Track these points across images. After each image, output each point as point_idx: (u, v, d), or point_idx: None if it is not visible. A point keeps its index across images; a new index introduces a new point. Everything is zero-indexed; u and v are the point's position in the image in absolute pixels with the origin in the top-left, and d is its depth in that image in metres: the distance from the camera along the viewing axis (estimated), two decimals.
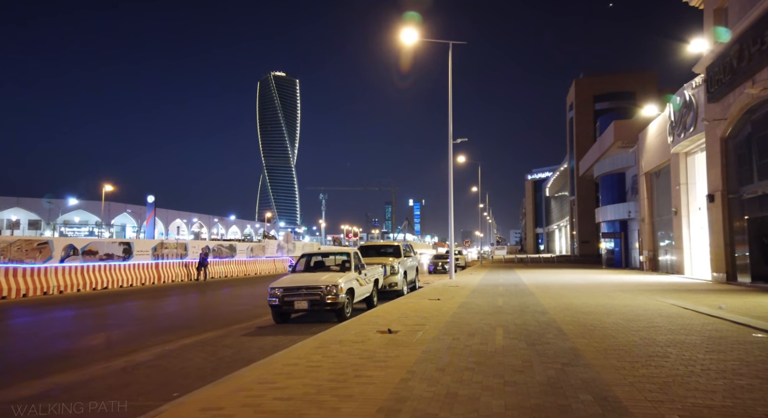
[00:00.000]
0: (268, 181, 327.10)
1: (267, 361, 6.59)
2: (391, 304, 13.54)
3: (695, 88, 23.03)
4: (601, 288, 18.39)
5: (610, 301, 13.64)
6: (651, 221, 32.72)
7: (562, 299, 14.23)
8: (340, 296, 10.99)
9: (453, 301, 14.23)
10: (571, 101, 73.67)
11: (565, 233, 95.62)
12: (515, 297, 15.09)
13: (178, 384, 6.25)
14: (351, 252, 12.93)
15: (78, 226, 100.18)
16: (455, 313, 11.39)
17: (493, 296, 15.70)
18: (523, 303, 13.32)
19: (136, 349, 8.73)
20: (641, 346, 7.15)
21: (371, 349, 7.24)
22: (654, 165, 30.85)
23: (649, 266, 32.30)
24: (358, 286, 12.30)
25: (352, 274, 12.20)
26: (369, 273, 13.63)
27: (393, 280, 16.70)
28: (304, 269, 13.10)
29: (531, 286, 19.86)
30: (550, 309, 11.83)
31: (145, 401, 5.46)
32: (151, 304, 17.37)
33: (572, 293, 16.20)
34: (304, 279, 11.35)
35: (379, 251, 19.07)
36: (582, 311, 11.31)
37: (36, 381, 6.63)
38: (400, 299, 14.86)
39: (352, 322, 10.19)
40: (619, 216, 41.55)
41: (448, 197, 25.86)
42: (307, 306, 10.89)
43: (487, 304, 13.24)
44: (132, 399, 5.61)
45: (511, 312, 11.36)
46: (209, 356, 7.97)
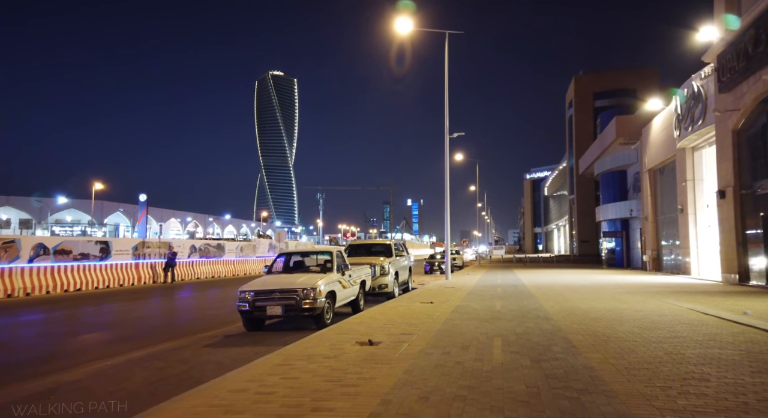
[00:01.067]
0: (266, 181, 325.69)
1: (209, 386, 5.33)
2: (379, 308, 12.31)
3: (704, 79, 21.82)
4: (606, 290, 17.17)
5: (618, 305, 12.41)
6: (655, 220, 31.53)
7: (566, 303, 13.01)
8: (319, 300, 9.74)
9: (447, 304, 13.00)
10: (570, 99, 72.57)
11: (563, 232, 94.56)
12: (515, 300, 13.86)
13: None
14: (333, 251, 11.66)
15: (70, 225, 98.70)
16: (448, 319, 10.16)
17: (491, 298, 14.47)
18: (523, 307, 12.09)
19: (73, 364, 7.47)
20: (669, 364, 5.91)
21: (343, 367, 6.00)
22: (658, 161, 29.66)
23: (652, 266, 31.10)
24: (341, 288, 11.05)
25: (334, 275, 10.94)
26: (354, 274, 12.38)
27: (383, 281, 15.45)
28: (282, 270, 11.85)
29: (531, 287, 18.64)
30: (554, 314, 10.60)
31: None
32: (118, 308, 16.06)
33: (576, 296, 14.98)
34: (279, 281, 10.09)
35: (369, 250, 17.83)
36: (590, 317, 10.08)
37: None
38: (390, 303, 13.62)
39: (331, 330, 8.95)
40: (621, 215, 40.39)
41: (445, 194, 24.64)
42: (281, 312, 9.64)
43: (485, 308, 12.01)
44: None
45: (510, 318, 10.13)
46: (152, 375, 6.71)
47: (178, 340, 9.34)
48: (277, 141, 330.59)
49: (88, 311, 15.25)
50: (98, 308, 15.88)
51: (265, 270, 11.41)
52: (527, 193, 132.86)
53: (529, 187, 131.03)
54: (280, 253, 12.38)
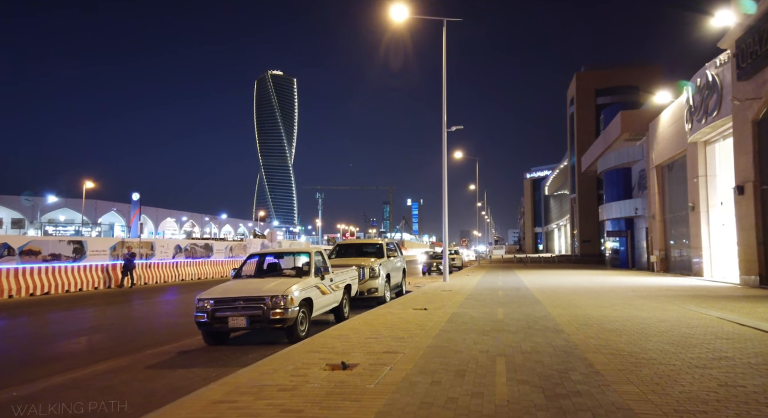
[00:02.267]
0: (266, 181, 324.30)
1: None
2: (365, 316, 10.87)
3: (720, 67, 20.38)
4: (617, 293, 15.73)
5: (636, 312, 10.97)
6: (662, 218, 30.09)
7: (577, 310, 11.56)
8: (290, 309, 8.27)
9: (443, 311, 11.55)
10: (571, 96, 71.27)
11: (564, 232, 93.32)
12: (518, 306, 12.42)
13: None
14: (311, 252, 10.17)
15: (63, 224, 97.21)
16: (443, 330, 8.72)
17: (492, 304, 13.03)
18: (528, 315, 10.65)
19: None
20: (734, 404, 4.46)
21: (299, 407, 4.55)
22: (667, 157, 28.22)
23: (660, 266, 29.67)
24: (319, 295, 9.59)
25: (312, 279, 9.47)
26: (337, 278, 10.92)
27: (372, 285, 14.00)
28: (254, 273, 10.40)
29: (535, 290, 17.20)
30: (565, 325, 9.16)
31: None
32: (69, 316, 14.52)
33: (586, 301, 13.53)
34: (245, 287, 8.63)
35: (359, 250, 16.38)
36: (608, 329, 8.63)
37: None
38: (379, 309, 12.18)
39: (301, 346, 7.51)
40: (625, 213, 38.97)
41: (442, 189, 23.24)
42: (246, 324, 8.17)
43: (485, 316, 10.56)
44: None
45: (515, 329, 8.70)
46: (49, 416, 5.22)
47: (119, 359, 7.86)
48: (277, 141, 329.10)
49: (21, 322, 13.67)
50: (39, 318, 14.27)
51: (233, 273, 9.95)
52: (527, 193, 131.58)
53: (530, 186, 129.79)
54: (251, 254, 10.90)
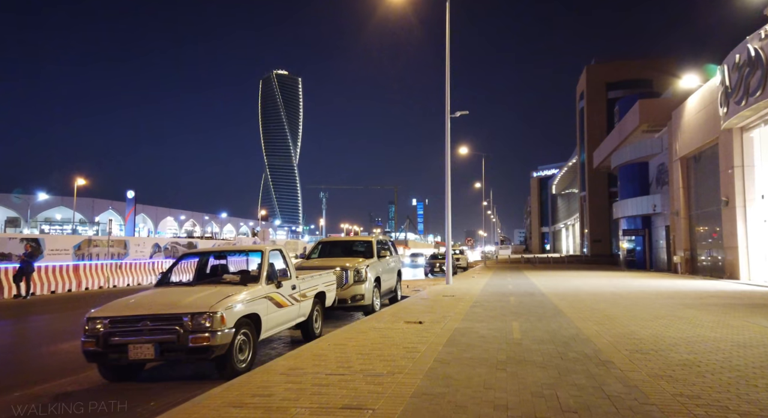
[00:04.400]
0: (270, 180, 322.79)
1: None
2: (341, 334, 8.36)
3: (765, 39, 17.75)
4: (653, 301, 13.16)
5: (696, 330, 8.41)
6: (688, 215, 27.42)
7: (615, 325, 9.00)
8: (220, 332, 5.75)
9: (442, 326, 9.04)
10: (581, 90, 68.63)
11: (572, 232, 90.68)
12: (537, 319, 9.87)
13: None
14: (265, 250, 7.64)
15: (60, 223, 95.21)
16: (439, 360, 6.21)
17: (504, 315, 10.49)
18: (554, 334, 8.12)
19: None
20: None
21: None
22: (694, 147, 25.55)
23: (684, 268, 27.01)
24: (272, 308, 7.07)
25: (261, 288, 6.95)
26: (305, 284, 8.40)
27: (357, 291, 11.47)
28: (192, 279, 7.90)
29: (552, 296, 14.64)
30: (611, 352, 6.63)
31: None
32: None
33: (620, 311, 10.96)
34: (157, 300, 6.11)
35: (346, 249, 13.86)
36: (677, 362, 6.07)
37: None
38: (362, 323, 9.67)
39: (225, 392, 5.02)
40: (643, 211, 36.34)
41: (446, 180, 20.75)
42: (155, 354, 5.66)
43: (496, 335, 8.04)
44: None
45: (541, 360, 6.18)
46: None
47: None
48: (282, 140, 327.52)
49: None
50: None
51: (159, 277, 7.44)
52: (534, 192, 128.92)
53: (536, 185, 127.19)
54: (185, 254, 8.32)
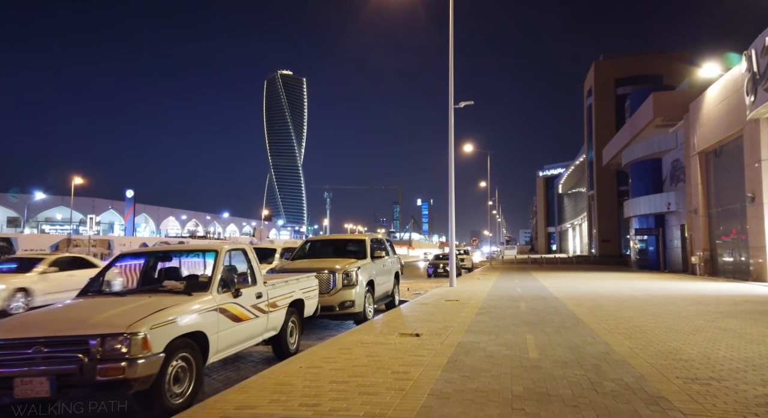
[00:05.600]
0: (275, 181, 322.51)
1: None
2: (319, 351, 6.91)
3: None
4: (682, 307, 11.63)
5: (747, 345, 6.90)
6: (707, 213, 25.83)
7: (648, 338, 7.50)
8: (142, 360, 4.25)
9: (442, 339, 7.58)
10: (589, 86, 67.13)
11: (579, 232, 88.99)
12: (555, 330, 8.38)
13: None
14: (220, 250, 6.14)
15: (61, 223, 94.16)
16: (435, 395, 4.75)
17: (515, 325, 9.00)
18: (577, 349, 6.64)
19: None
20: None
21: None
22: (714, 140, 23.96)
23: (704, 269, 25.42)
24: (226, 324, 5.57)
25: (212, 298, 5.44)
26: (276, 291, 6.93)
27: (346, 296, 9.99)
28: (137, 285, 6.44)
29: (567, 301, 13.13)
30: (653, 375, 5.15)
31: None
32: None
33: (649, 320, 9.44)
34: (59, 317, 4.63)
35: (337, 248, 12.36)
36: (753, 399, 4.59)
37: None
38: (348, 336, 8.21)
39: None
40: (656, 209, 34.75)
41: (449, 176, 19.31)
42: (50, 390, 4.16)
43: (507, 352, 6.57)
44: None
45: (568, 392, 4.71)
46: None
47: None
48: (287, 141, 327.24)
49: None
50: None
51: (85, 287, 5.96)
52: (540, 192, 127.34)
53: (542, 185, 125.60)
54: (120, 254, 6.79)
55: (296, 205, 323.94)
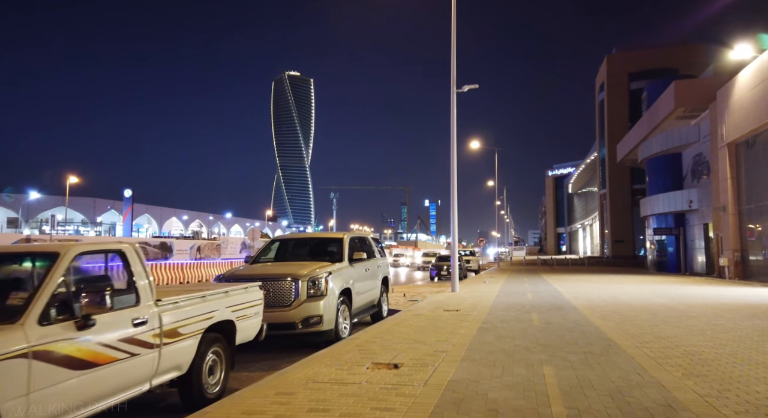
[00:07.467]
0: (282, 181, 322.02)
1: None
2: (246, 401, 4.78)
3: None
4: (734, 322, 9.38)
5: None
6: (737, 211, 23.47)
7: (718, 375, 5.30)
8: None
9: (428, 373, 5.40)
10: (601, 81, 64.74)
11: (590, 232, 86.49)
12: (582, 359, 6.19)
13: None
14: (62, 254, 3.67)
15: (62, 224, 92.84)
16: None
17: (527, 348, 6.81)
18: (621, 397, 4.45)
19: None
20: None
21: None
22: (747, 130, 21.62)
23: (734, 272, 23.08)
24: (58, 375, 3.44)
25: (22, 335, 3.28)
26: (181, 314, 4.77)
27: (310, 310, 7.81)
28: None
29: (587, 311, 10.91)
30: None
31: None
32: None
33: (704, 342, 7.22)
34: None
35: (314, 249, 10.18)
36: None
37: None
38: (302, 368, 6.05)
39: None
40: (676, 207, 32.38)
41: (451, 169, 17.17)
42: None
43: (519, 401, 4.39)
44: None
45: None
46: None
47: None
48: (294, 141, 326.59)
49: None
50: None
51: None
52: (549, 192, 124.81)
53: (552, 184, 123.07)
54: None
55: (304, 206, 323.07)
